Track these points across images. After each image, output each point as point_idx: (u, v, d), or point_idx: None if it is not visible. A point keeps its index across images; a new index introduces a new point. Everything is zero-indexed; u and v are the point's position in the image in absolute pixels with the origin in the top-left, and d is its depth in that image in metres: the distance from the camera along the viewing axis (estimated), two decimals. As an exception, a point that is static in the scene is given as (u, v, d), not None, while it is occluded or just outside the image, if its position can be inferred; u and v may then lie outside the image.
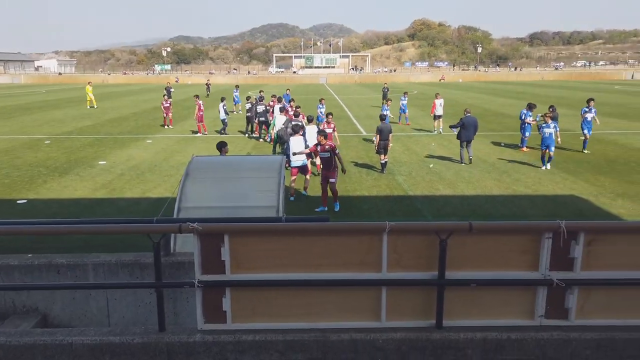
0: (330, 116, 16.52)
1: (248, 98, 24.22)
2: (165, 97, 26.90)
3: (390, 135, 14.54)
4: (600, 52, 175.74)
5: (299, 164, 12.16)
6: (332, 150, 11.14)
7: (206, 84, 52.10)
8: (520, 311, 4.04)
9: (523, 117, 18.17)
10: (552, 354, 3.93)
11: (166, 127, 25.72)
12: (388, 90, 36.28)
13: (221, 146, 10.38)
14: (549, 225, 3.81)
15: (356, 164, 16.15)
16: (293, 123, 14.09)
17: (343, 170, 11.46)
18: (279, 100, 21.66)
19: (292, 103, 21.10)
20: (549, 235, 3.82)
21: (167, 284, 3.96)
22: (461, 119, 16.20)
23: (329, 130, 14.42)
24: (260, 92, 25.67)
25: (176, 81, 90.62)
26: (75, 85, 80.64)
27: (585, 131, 17.73)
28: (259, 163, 7.76)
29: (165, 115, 25.99)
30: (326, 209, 11.19)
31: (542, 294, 3.98)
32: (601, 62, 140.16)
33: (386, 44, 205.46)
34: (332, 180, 11.09)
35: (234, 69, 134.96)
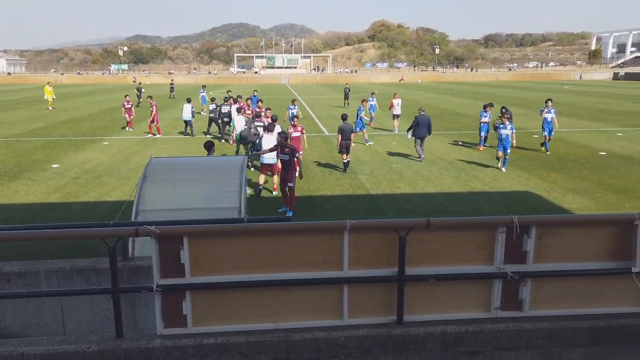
0: (296, 119, 16.46)
1: (213, 99, 23.82)
2: (128, 97, 25.36)
3: (353, 134, 14.72)
4: (550, 53, 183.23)
5: (271, 161, 12.25)
6: (292, 153, 10.94)
7: (170, 84, 50.08)
8: (477, 304, 4.17)
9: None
10: (508, 344, 4.08)
11: (127, 129, 24.73)
12: (350, 90, 36.70)
13: (210, 146, 10.40)
14: (503, 220, 3.95)
15: (319, 164, 16.21)
16: (268, 122, 13.98)
17: (300, 175, 11.26)
18: (235, 101, 21.33)
19: (260, 104, 20.98)
20: (503, 230, 3.96)
21: (124, 289, 3.85)
22: (416, 117, 16.72)
23: (296, 134, 14.12)
24: (228, 92, 25.29)
25: (133, 81, 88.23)
26: (25, 85, 77.23)
27: (545, 132, 17.74)
28: (219, 164, 7.67)
29: (127, 116, 24.63)
30: (288, 208, 11.13)
31: (498, 287, 4.12)
32: (552, 63, 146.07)
33: (347, 44, 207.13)
34: (290, 184, 10.87)
35: (194, 69, 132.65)
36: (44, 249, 8.25)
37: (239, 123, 16.67)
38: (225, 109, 20.95)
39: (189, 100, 22.52)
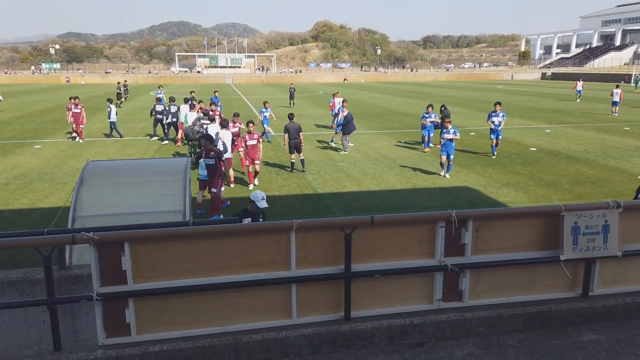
0: (252, 125, 15.98)
1: (172, 99, 21.87)
2: (74, 100, 20.73)
3: (301, 133, 14.76)
4: (484, 54, 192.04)
5: (228, 155, 12.58)
6: (218, 157, 10.63)
7: (124, 85, 42.37)
8: (420, 297, 4.33)
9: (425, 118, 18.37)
10: (450, 333, 4.26)
11: (78, 139, 20.80)
12: (295, 90, 36.74)
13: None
14: (442, 215, 4.12)
15: (266, 164, 16.13)
16: (222, 119, 13.86)
17: (225, 180, 11.02)
18: (186, 101, 20.63)
19: (213, 106, 20.56)
20: (442, 224, 4.14)
21: (61, 300, 3.67)
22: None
23: (252, 142, 13.00)
24: (191, 92, 24.04)
25: (67, 81, 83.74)
26: (-57, 85, 71.28)
27: (493, 136, 17.10)
28: (162, 166, 7.46)
29: (74, 124, 20.77)
30: (221, 216, 10.52)
31: (439, 279, 4.29)
32: (485, 64, 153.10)
33: (291, 44, 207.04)
34: (213, 189, 10.58)
35: (133, 68, 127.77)
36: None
37: (190, 119, 16.77)
38: (173, 109, 20.28)
39: (110, 101, 21.91)
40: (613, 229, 4.38)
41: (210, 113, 16.81)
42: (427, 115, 18.42)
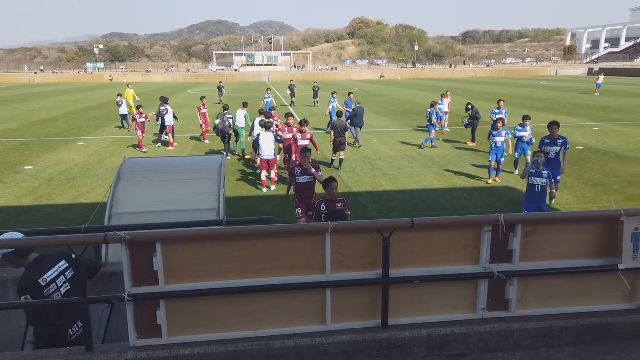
0: (274, 110, 16.13)
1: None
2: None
3: (347, 132, 14.94)
4: (527, 49, 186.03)
5: (270, 157, 12.57)
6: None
7: (218, 87, 38.10)
8: (463, 305, 4.07)
9: (491, 116, 16.94)
10: (495, 345, 3.98)
11: (205, 141, 20.22)
12: (319, 89, 36.17)
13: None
14: (488, 219, 3.84)
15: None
16: (266, 120, 13.53)
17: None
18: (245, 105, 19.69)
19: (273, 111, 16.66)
20: (489, 229, 3.86)
21: (92, 300, 3.64)
22: (353, 109, 18.47)
23: (304, 142, 12.25)
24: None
25: (110, 80, 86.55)
26: (-3, 85, 75.08)
27: (517, 154, 13.83)
28: (197, 164, 7.44)
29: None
30: None
31: (484, 287, 4.02)
32: (528, 60, 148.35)
33: (327, 42, 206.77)
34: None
35: (172, 67, 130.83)
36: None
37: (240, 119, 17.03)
38: (162, 110, 19.06)
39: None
40: (679, 237, 3.98)
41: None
42: (497, 112, 16.51)
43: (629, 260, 4.01)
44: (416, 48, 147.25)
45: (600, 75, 44.28)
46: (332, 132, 14.76)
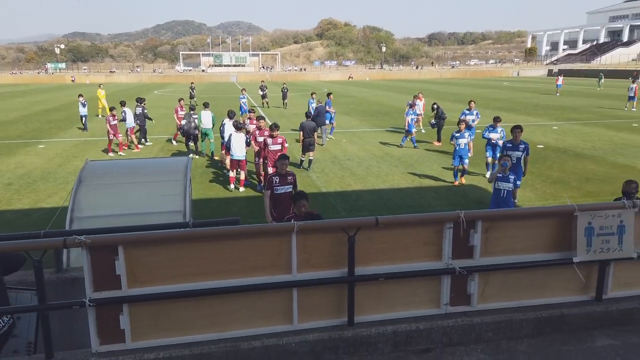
0: (253, 113, 15.87)
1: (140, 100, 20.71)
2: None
3: (315, 133, 14.93)
4: (490, 51, 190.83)
5: (241, 157, 12.47)
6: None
7: (190, 88, 36.94)
8: (427, 301, 4.16)
9: (460, 117, 15.99)
10: (458, 339, 4.09)
11: (174, 142, 19.64)
12: (288, 90, 35.88)
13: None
14: (450, 216, 3.95)
15: (268, 163, 15.97)
16: (234, 121, 13.61)
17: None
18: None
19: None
20: (450, 226, 3.97)
21: (52, 306, 3.54)
22: (316, 108, 19.01)
23: (275, 147, 11.52)
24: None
25: (72, 80, 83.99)
26: (-50, 85, 71.71)
27: (489, 154, 13.75)
28: (162, 166, 7.32)
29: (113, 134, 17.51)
30: None
31: (447, 283, 4.12)
32: (491, 61, 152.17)
33: (295, 42, 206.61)
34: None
35: (138, 67, 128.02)
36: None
37: (205, 119, 16.74)
38: (138, 111, 19.03)
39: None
40: (629, 230, 4.19)
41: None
42: (467, 113, 16.29)
43: (583, 254, 4.19)
44: (383, 49, 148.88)
45: (559, 77, 46.18)
46: (301, 133, 14.76)
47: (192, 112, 16.78)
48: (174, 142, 19.81)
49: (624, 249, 4.23)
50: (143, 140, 19.71)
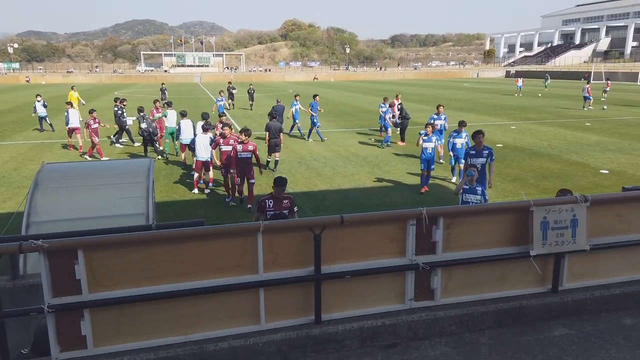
0: (224, 116, 14.96)
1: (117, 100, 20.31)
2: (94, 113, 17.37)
3: (281, 133, 14.80)
4: (451, 53, 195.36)
5: (206, 158, 12.41)
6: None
7: (161, 89, 35.21)
8: (392, 296, 4.24)
9: (429, 121, 15.13)
10: (423, 333, 4.19)
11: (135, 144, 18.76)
12: (254, 91, 35.55)
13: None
14: (412, 213, 4.04)
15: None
16: (204, 122, 13.36)
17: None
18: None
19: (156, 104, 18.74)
20: (413, 222, 4.05)
21: (8, 313, 3.40)
22: (273, 107, 19.10)
23: (245, 155, 10.91)
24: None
25: (27, 81, 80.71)
26: None
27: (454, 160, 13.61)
28: (123, 167, 7.15)
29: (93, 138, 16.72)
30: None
31: (411, 278, 4.21)
32: (452, 62, 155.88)
33: (259, 43, 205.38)
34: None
35: (97, 68, 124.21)
36: None
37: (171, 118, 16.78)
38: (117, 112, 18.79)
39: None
40: (581, 223, 4.39)
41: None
42: (436, 117, 15.72)
43: (539, 247, 4.36)
44: (347, 51, 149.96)
45: (519, 78, 48.05)
46: (267, 134, 14.70)
47: (141, 113, 16.52)
48: (159, 147, 18.73)
49: (577, 242, 4.43)
50: (122, 140, 19.67)
